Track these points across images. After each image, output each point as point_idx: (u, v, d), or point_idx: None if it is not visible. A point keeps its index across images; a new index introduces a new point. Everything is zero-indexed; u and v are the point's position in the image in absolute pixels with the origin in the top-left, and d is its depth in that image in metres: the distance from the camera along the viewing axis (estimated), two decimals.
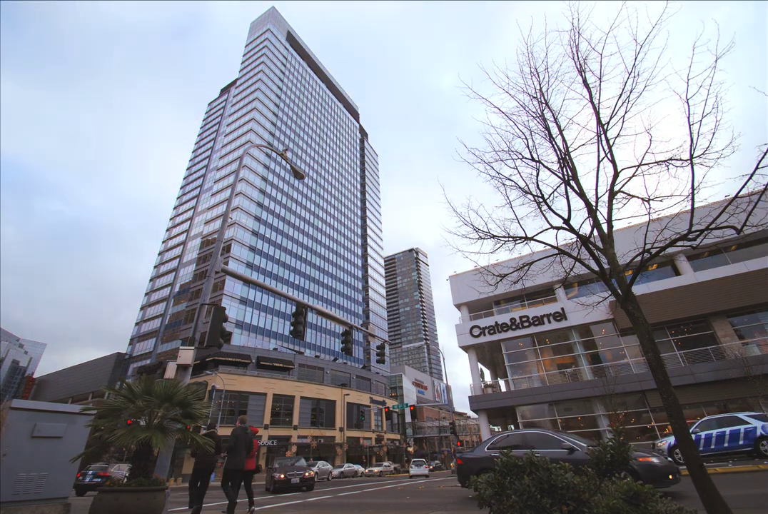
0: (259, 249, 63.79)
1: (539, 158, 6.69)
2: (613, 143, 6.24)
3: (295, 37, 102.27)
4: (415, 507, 8.85)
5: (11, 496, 5.89)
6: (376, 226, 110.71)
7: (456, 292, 32.55)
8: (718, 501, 4.06)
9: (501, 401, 27.52)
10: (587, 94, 6.37)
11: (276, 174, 74.22)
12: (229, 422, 39.76)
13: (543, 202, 6.61)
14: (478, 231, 6.87)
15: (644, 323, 5.32)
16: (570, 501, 3.12)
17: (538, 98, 6.71)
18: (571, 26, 6.27)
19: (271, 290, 12.12)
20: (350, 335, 15.00)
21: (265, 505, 10.91)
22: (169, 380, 7.20)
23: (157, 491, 5.57)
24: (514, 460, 3.50)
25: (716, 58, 5.09)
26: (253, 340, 56.14)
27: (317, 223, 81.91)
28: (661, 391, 4.93)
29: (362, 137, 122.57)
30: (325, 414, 50.42)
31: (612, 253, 5.83)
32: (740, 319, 23.07)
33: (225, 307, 9.23)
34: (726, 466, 12.10)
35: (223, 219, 10.48)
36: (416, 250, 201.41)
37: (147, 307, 72.03)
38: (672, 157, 5.81)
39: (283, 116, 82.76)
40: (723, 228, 5.12)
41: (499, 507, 3.31)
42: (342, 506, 9.96)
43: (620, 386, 22.26)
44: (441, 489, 14.02)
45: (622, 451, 3.22)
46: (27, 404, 6.61)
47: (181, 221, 78.39)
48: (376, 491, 15.27)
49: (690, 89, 5.20)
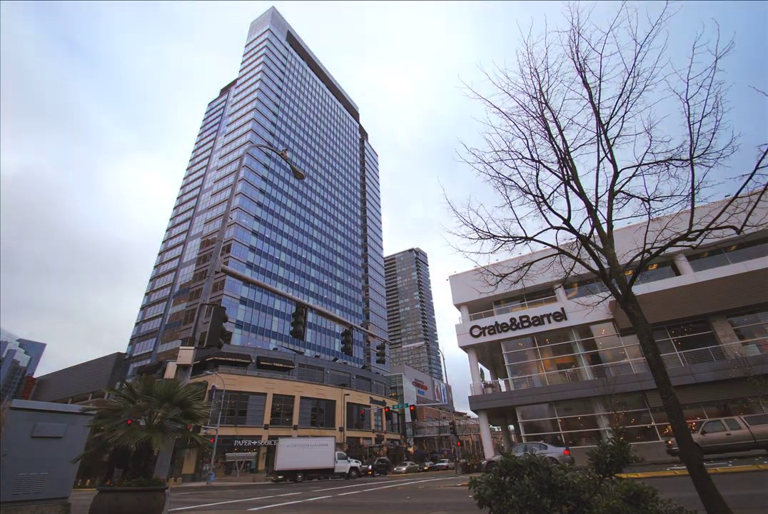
0: (259, 249, 63.77)
1: (539, 158, 6.69)
2: (613, 143, 6.24)
3: (295, 37, 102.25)
4: (415, 507, 8.84)
5: (11, 496, 5.89)
6: (376, 226, 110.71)
7: (456, 292, 32.53)
8: (718, 501, 4.06)
9: (501, 401, 27.51)
10: (587, 94, 6.37)
11: (276, 174, 74.20)
12: (229, 422, 39.77)
13: (543, 202, 6.61)
14: (478, 231, 6.86)
15: (644, 323, 5.32)
16: (570, 501, 3.11)
17: (538, 98, 6.71)
18: (571, 26, 6.27)
19: (271, 289, 12.12)
20: (350, 335, 15.00)
21: (265, 505, 10.91)
22: (169, 380, 7.20)
23: (157, 491, 5.57)
24: (514, 460, 3.49)
25: (716, 58, 5.08)
26: (253, 340, 56.12)
27: (317, 224, 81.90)
28: (661, 391, 4.93)
29: (362, 137, 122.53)
30: (325, 414, 50.41)
31: (612, 254, 5.83)
32: (740, 319, 23.06)
33: (225, 307, 9.21)
34: (726, 466, 12.10)
35: (223, 219, 10.48)
36: (416, 250, 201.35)
37: (147, 307, 71.99)
38: (672, 157, 5.81)
39: (283, 116, 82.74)
40: (723, 228, 5.12)
41: (499, 507, 3.31)
42: (342, 506, 9.95)
43: (620, 386, 22.24)
44: (441, 489, 14.02)
45: (622, 451, 3.22)
46: (27, 404, 6.62)
47: (181, 221, 78.35)
48: (376, 491, 15.27)
49: (690, 89, 5.20)
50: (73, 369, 77.58)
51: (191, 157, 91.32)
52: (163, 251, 77.70)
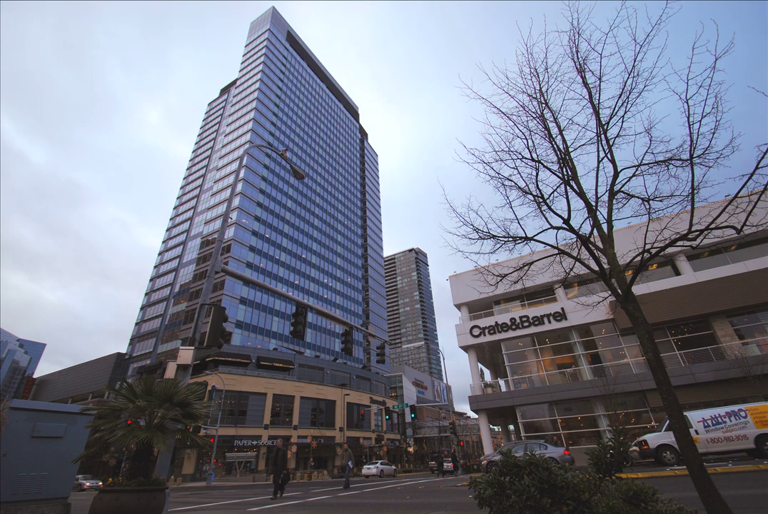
0: (259, 249, 63.79)
1: (539, 158, 6.69)
2: (613, 143, 6.24)
3: (295, 37, 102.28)
4: (415, 507, 8.84)
5: (11, 496, 5.89)
6: (376, 226, 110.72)
7: (456, 292, 32.54)
8: (718, 501, 4.06)
9: (501, 401, 27.52)
10: (587, 94, 6.37)
11: (276, 174, 74.20)
12: (229, 422, 39.77)
13: (543, 202, 6.61)
14: (478, 231, 6.86)
15: (644, 323, 5.32)
16: (570, 501, 3.11)
17: (537, 99, 6.71)
18: (571, 26, 6.27)
19: (271, 290, 12.11)
20: (350, 335, 15.00)
21: (265, 505, 10.91)
22: (169, 380, 7.20)
23: (157, 491, 5.57)
24: (514, 460, 3.49)
25: (716, 58, 5.09)
26: (253, 340, 56.13)
27: (317, 223, 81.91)
28: (661, 391, 4.93)
29: (362, 137, 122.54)
30: (325, 414, 50.40)
31: (612, 253, 5.83)
32: (740, 319, 23.07)
33: (225, 307, 9.22)
34: (726, 466, 12.10)
35: (223, 219, 10.47)
36: (416, 250, 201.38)
37: (147, 307, 72.01)
38: (672, 157, 5.81)
39: (283, 116, 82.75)
40: (723, 228, 5.12)
41: (499, 507, 3.30)
42: (342, 506, 9.95)
43: (620, 386, 22.25)
44: (441, 489, 14.02)
45: (622, 451, 3.22)
46: (27, 404, 6.61)
47: (181, 221, 78.37)
48: (376, 491, 15.27)
49: (690, 89, 5.20)
50: (73, 369, 77.59)
51: (191, 158, 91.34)
52: (163, 251, 77.71)
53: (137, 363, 63.89)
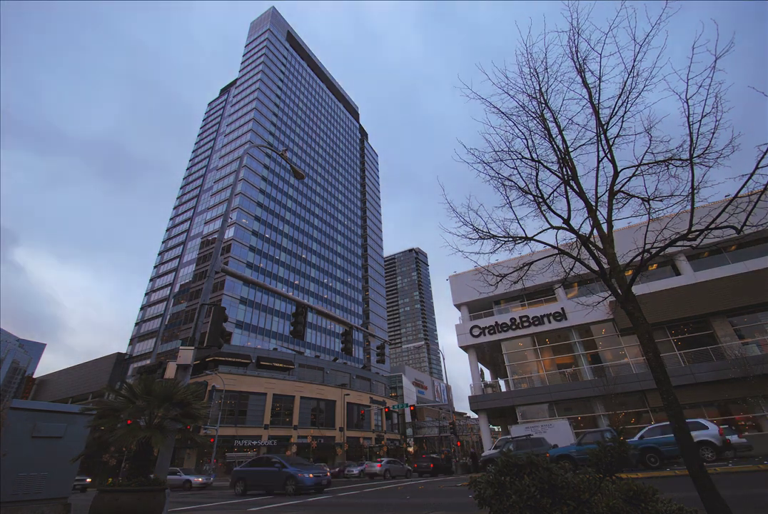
0: (259, 249, 63.75)
1: (539, 158, 6.69)
2: (613, 143, 6.24)
3: (295, 37, 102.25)
4: (415, 507, 8.84)
5: (11, 496, 5.89)
6: (376, 226, 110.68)
7: (456, 292, 32.54)
8: (718, 501, 4.06)
9: (501, 401, 27.51)
10: (587, 94, 6.37)
11: (276, 174, 74.18)
12: (229, 422, 39.76)
13: (543, 202, 6.61)
14: (478, 231, 6.86)
15: (644, 323, 5.32)
16: (570, 501, 3.11)
17: (537, 99, 6.71)
18: (570, 27, 6.26)
19: (271, 290, 12.12)
20: (350, 335, 15.00)
21: (265, 505, 10.91)
22: (169, 380, 7.20)
23: (157, 491, 5.57)
24: (514, 460, 3.49)
25: (716, 58, 5.09)
26: (253, 340, 56.10)
27: (317, 223, 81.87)
28: (661, 391, 4.93)
29: (362, 137, 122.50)
30: (325, 414, 50.39)
31: (612, 253, 5.83)
32: (740, 319, 23.06)
33: (225, 307, 9.22)
34: (726, 466, 12.10)
35: (223, 219, 10.48)
36: (416, 250, 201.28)
37: (147, 307, 71.97)
38: (672, 157, 5.81)
39: (283, 116, 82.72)
40: (723, 228, 5.12)
41: (499, 507, 3.30)
42: (342, 506, 9.95)
43: (620, 386, 22.25)
44: (441, 489, 14.02)
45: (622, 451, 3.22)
46: (27, 404, 6.61)
47: (181, 221, 78.34)
48: (376, 490, 15.27)
49: (690, 89, 5.20)
50: (73, 369, 77.55)
51: (191, 157, 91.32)
52: (163, 251, 77.67)
53: (137, 363, 63.85)
